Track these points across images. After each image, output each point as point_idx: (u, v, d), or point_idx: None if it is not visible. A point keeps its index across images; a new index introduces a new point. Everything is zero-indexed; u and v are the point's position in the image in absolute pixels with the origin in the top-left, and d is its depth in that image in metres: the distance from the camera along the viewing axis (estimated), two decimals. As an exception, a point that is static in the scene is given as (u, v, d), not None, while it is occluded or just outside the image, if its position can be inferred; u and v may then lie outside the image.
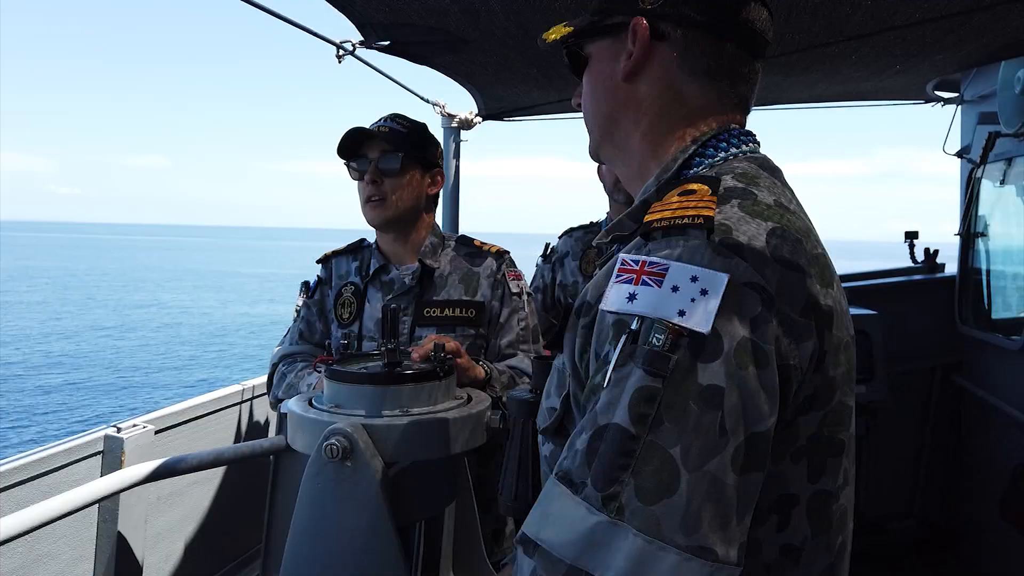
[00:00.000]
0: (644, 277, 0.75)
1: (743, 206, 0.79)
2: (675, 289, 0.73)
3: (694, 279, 0.72)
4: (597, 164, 2.37)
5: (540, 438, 0.95)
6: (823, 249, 0.84)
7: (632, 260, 0.77)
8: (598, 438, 0.71)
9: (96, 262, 59.99)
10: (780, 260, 0.76)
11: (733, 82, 0.93)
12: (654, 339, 0.71)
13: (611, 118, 0.97)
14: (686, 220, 0.77)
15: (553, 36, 1.01)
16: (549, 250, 2.87)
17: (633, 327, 0.73)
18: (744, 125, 0.96)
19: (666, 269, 0.74)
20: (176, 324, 26.08)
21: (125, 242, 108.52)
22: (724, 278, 0.72)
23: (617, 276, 0.77)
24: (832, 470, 0.82)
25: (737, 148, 0.91)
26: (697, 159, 0.90)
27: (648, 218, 0.82)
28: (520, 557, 0.74)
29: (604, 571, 0.68)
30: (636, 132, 0.95)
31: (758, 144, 0.95)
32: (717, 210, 0.78)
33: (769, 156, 0.94)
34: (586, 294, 0.84)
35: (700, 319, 0.70)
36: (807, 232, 0.83)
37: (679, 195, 0.82)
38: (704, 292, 0.71)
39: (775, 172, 0.90)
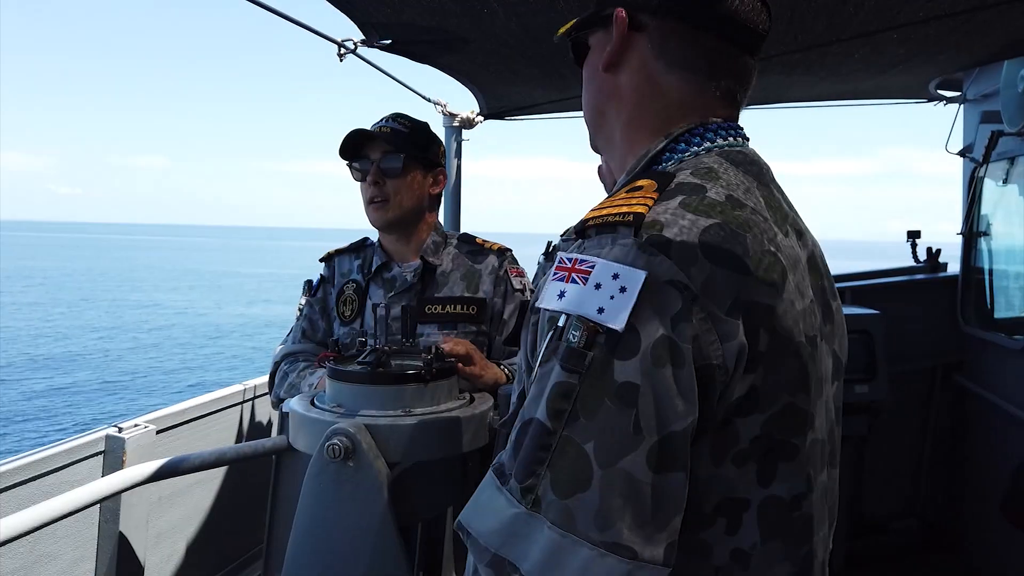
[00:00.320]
0: (573, 275, 0.75)
1: (686, 202, 0.77)
2: (598, 287, 0.73)
3: (615, 276, 0.72)
4: (598, 165, 2.36)
5: None
6: (777, 245, 0.80)
7: (567, 258, 0.77)
8: (523, 432, 0.73)
9: (95, 262, 59.79)
10: (712, 257, 0.74)
11: (715, 75, 0.90)
12: (571, 336, 0.72)
13: (598, 109, 0.97)
14: (617, 218, 0.76)
15: (562, 30, 1.01)
16: (552, 249, 2.87)
17: (560, 324, 0.74)
18: (733, 119, 0.92)
19: (593, 267, 0.74)
20: (170, 326, 25.73)
21: (125, 242, 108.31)
22: (642, 275, 0.71)
23: (554, 274, 0.78)
24: (787, 476, 0.79)
25: (712, 143, 0.88)
26: (667, 154, 0.88)
27: (586, 215, 0.81)
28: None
29: (522, 562, 0.69)
30: (619, 124, 0.94)
31: (745, 139, 0.92)
32: (655, 207, 0.77)
33: (756, 151, 0.91)
34: (538, 292, 0.84)
35: (616, 316, 0.70)
36: (758, 228, 0.79)
37: (626, 192, 0.81)
38: (623, 289, 0.71)
39: (751, 167, 0.87)
